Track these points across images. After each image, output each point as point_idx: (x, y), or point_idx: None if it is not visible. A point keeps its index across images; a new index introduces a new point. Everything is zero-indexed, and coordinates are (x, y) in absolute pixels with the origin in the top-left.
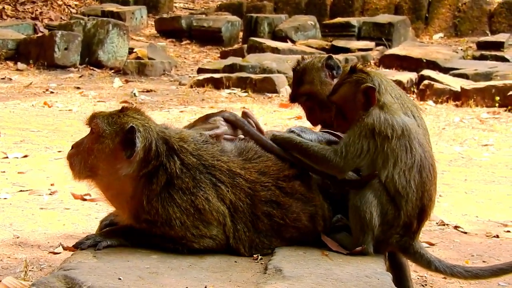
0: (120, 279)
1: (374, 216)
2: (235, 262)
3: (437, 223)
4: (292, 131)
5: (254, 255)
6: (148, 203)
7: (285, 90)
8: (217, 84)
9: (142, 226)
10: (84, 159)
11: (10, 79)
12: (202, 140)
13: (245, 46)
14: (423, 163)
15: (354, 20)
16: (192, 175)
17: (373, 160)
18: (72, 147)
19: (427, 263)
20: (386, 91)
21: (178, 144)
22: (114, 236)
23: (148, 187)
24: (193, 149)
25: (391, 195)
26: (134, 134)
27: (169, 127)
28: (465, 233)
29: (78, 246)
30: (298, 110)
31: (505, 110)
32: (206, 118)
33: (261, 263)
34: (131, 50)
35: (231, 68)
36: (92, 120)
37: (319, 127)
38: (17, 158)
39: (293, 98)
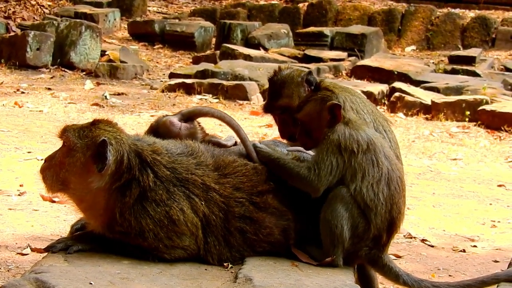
0: (91, 283)
1: (345, 229)
2: (206, 270)
3: (404, 235)
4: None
5: (225, 264)
6: (121, 215)
7: (257, 98)
8: (189, 90)
9: (116, 236)
10: (56, 172)
11: None
12: (176, 153)
13: (218, 52)
14: (391, 175)
15: (327, 30)
16: (165, 188)
17: (342, 175)
18: (45, 160)
19: (396, 277)
20: (351, 107)
21: (151, 157)
22: (86, 241)
23: (121, 199)
24: (167, 161)
25: (361, 208)
26: (105, 148)
27: (141, 138)
28: (432, 246)
29: (49, 249)
30: (269, 118)
31: (475, 125)
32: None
33: (231, 272)
34: (103, 53)
35: (203, 74)
36: (64, 133)
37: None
38: None
39: (268, 109)
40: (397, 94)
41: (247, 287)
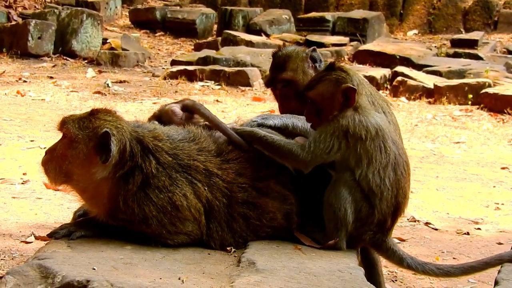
0: (94, 269)
1: (348, 212)
2: (209, 254)
3: (408, 219)
4: (255, 121)
5: (228, 248)
6: (124, 203)
7: (259, 84)
8: (191, 77)
9: (119, 224)
10: (58, 165)
11: None
12: (178, 139)
13: (219, 38)
14: (397, 160)
15: (328, 15)
16: (168, 174)
17: (344, 159)
18: (46, 153)
19: (399, 260)
20: (362, 91)
21: (153, 143)
22: (88, 227)
23: (124, 187)
24: (168, 148)
25: (365, 192)
26: (108, 139)
27: (141, 124)
28: (436, 229)
29: (52, 236)
30: (271, 104)
31: (478, 108)
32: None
33: (234, 256)
34: (104, 41)
35: (205, 61)
36: (63, 125)
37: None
38: None
39: (271, 83)
40: (399, 78)
41: (250, 270)
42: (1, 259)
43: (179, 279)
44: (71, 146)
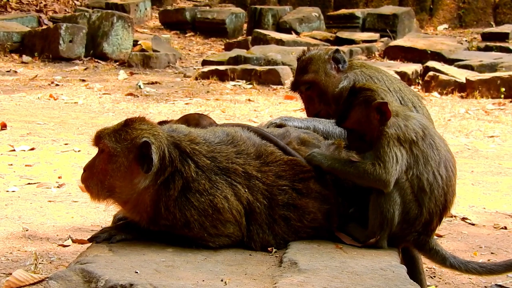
0: (137, 272)
1: (396, 214)
2: (250, 255)
3: None
4: (274, 122)
5: (269, 248)
6: (166, 209)
7: (290, 82)
8: (222, 76)
9: (161, 229)
10: (100, 181)
11: (16, 71)
12: (215, 142)
13: (250, 38)
14: (447, 157)
15: (358, 12)
16: (207, 177)
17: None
18: (84, 169)
19: (442, 260)
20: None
21: (190, 147)
22: (129, 230)
23: (166, 193)
24: (206, 151)
25: (415, 193)
26: (149, 149)
27: (176, 129)
28: (473, 224)
29: (93, 239)
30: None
31: (511, 102)
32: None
33: (276, 256)
34: (135, 43)
35: (236, 60)
36: (99, 140)
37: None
38: (24, 150)
39: (295, 86)
40: (431, 73)
41: (292, 271)
42: (39, 263)
43: (221, 280)
44: (111, 161)
